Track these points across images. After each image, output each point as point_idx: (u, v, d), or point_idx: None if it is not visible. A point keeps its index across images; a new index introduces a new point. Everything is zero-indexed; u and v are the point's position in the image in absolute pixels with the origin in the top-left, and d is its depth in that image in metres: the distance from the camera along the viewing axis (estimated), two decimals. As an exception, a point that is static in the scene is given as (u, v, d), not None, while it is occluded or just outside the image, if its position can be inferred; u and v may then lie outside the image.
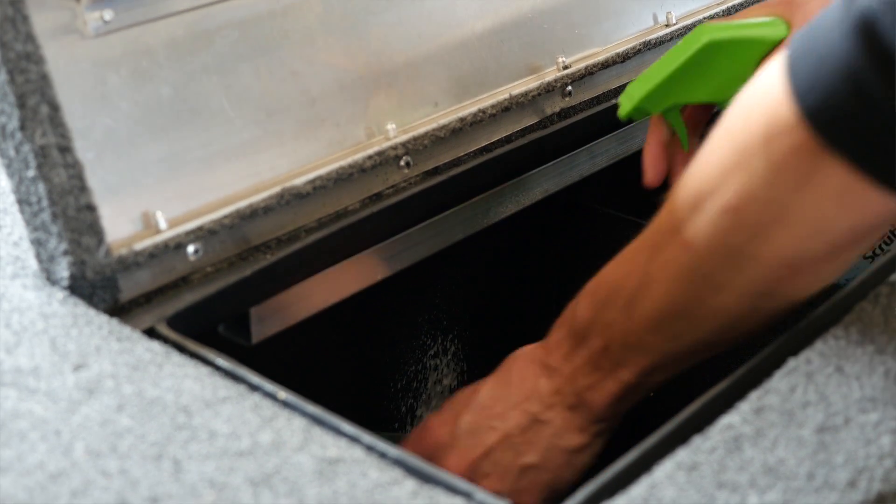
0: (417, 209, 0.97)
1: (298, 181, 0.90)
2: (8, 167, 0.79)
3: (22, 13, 0.77)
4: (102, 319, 0.79)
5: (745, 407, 0.71)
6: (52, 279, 0.81)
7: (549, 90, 1.08)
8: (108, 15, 0.81)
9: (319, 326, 0.95)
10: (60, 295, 0.80)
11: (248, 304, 0.87)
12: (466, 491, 0.67)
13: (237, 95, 0.88)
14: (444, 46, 1.02)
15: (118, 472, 0.66)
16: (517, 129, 1.07)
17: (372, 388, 1.12)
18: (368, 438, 0.70)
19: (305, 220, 0.92)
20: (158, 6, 0.84)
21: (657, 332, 0.79)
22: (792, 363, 0.74)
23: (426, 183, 0.98)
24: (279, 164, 0.90)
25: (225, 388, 0.73)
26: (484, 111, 1.02)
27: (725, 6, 1.25)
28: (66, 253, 0.79)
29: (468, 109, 1.02)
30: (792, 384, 0.73)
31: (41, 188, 0.78)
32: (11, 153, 0.78)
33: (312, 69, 0.93)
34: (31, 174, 0.78)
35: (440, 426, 0.89)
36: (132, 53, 0.83)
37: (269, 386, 0.74)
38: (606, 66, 1.13)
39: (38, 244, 0.80)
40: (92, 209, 0.80)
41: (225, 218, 0.86)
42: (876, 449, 0.68)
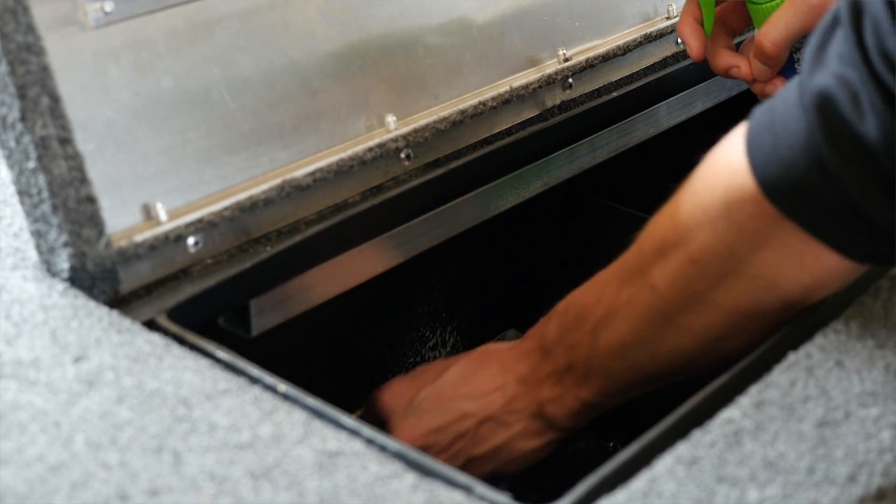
0: (418, 201, 0.97)
1: (299, 173, 0.90)
2: (8, 158, 0.79)
3: (23, 4, 0.77)
4: (102, 311, 0.79)
5: (745, 401, 0.71)
6: (52, 271, 0.81)
7: (549, 82, 1.08)
8: (108, 6, 0.81)
9: (319, 319, 0.95)
10: (60, 286, 0.80)
11: (248, 296, 0.87)
12: (466, 485, 0.67)
13: (238, 87, 0.88)
14: (444, 38, 1.02)
15: (118, 464, 0.66)
16: (518, 121, 1.07)
17: (372, 380, 1.12)
18: (368, 431, 0.70)
19: (305, 212, 0.92)
20: (159, -3, 0.84)
21: (618, 359, 0.83)
22: (792, 357, 0.74)
23: (426, 175, 0.98)
24: (279, 155, 0.90)
25: (225, 380, 0.73)
26: (484, 103, 1.02)
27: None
28: (66, 244, 0.79)
29: (469, 102, 1.02)
30: (792, 378, 0.73)
31: (41, 179, 0.78)
32: (12, 144, 0.78)
33: (313, 61, 0.93)
34: (31, 165, 0.78)
35: (400, 393, 0.93)
36: (133, 45, 0.83)
37: (269, 378, 0.74)
38: (607, 58, 1.13)
39: (38, 236, 0.80)
40: (92, 201, 0.79)
41: (225, 210, 0.86)
42: (876, 443, 0.68)
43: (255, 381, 0.74)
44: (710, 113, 1.23)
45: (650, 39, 1.17)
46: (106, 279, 0.81)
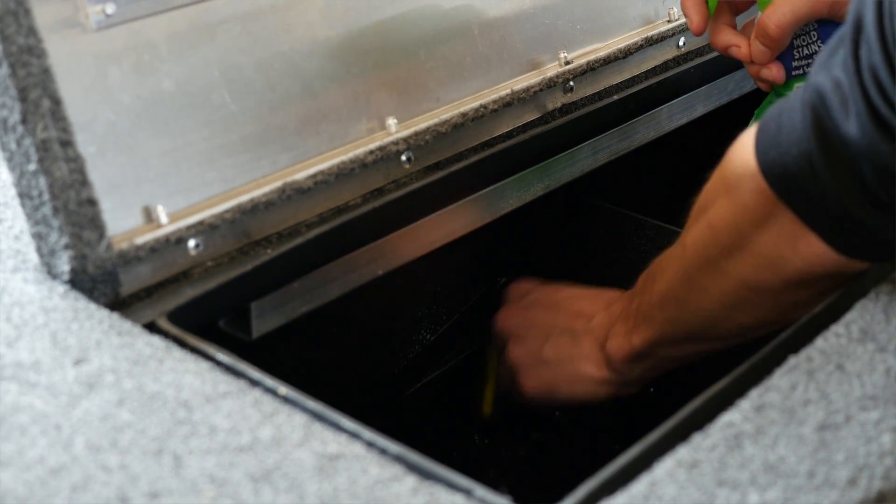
0: (418, 204, 0.97)
1: (300, 176, 0.90)
2: (9, 161, 0.79)
3: (24, 6, 0.77)
4: (103, 314, 0.79)
5: (745, 404, 0.71)
6: (52, 273, 0.81)
7: (550, 85, 1.08)
8: (110, 8, 0.81)
9: (320, 321, 0.95)
10: (61, 289, 0.80)
11: (248, 298, 0.87)
12: (466, 488, 0.66)
13: (239, 89, 0.88)
14: (445, 42, 1.02)
15: (118, 466, 0.66)
16: (518, 124, 1.07)
17: (372, 383, 1.12)
18: (369, 434, 0.70)
19: (306, 214, 0.92)
20: (160, 0, 0.84)
21: (660, 310, 0.90)
22: (793, 361, 0.74)
23: (427, 178, 0.98)
24: (280, 158, 0.90)
25: (225, 383, 0.73)
26: (485, 106, 1.02)
27: None
28: (67, 247, 0.79)
29: (469, 105, 1.02)
30: (793, 382, 0.73)
31: (42, 182, 0.78)
32: (13, 147, 0.78)
33: (314, 64, 0.93)
34: (32, 168, 0.78)
35: (521, 287, 1.08)
36: (134, 47, 0.83)
37: (269, 381, 0.74)
38: (608, 61, 1.13)
39: (39, 238, 0.80)
40: (93, 203, 0.80)
41: (226, 212, 0.86)
42: (876, 447, 0.68)
43: (255, 383, 0.74)
44: (711, 116, 1.23)
45: (651, 43, 1.17)
46: (106, 281, 0.81)
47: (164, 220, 0.83)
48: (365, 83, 0.96)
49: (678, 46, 1.20)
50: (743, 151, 0.79)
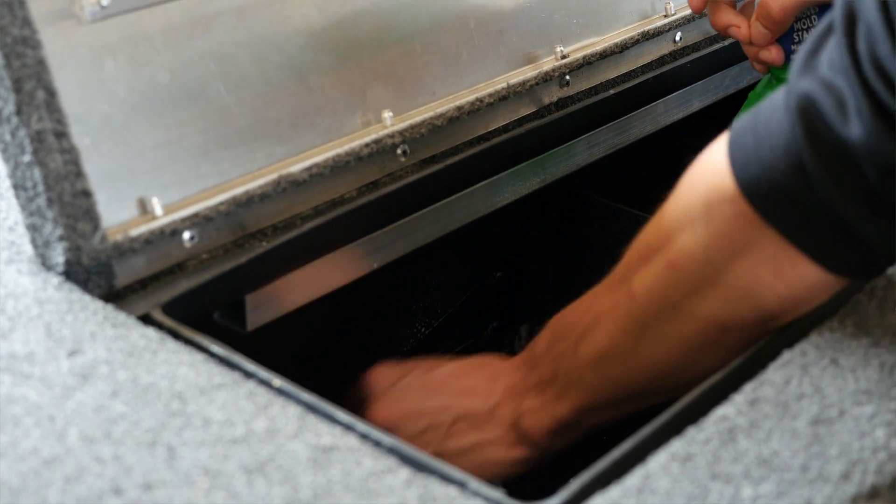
0: (414, 198, 0.97)
1: (295, 168, 0.90)
2: (4, 152, 0.79)
3: (19, -3, 0.77)
4: (97, 305, 0.79)
5: (739, 398, 0.71)
6: (47, 265, 0.81)
7: (546, 80, 1.08)
8: (105, 0, 0.81)
9: (315, 314, 0.95)
10: (55, 280, 0.80)
11: (243, 291, 0.87)
12: (461, 480, 0.67)
13: (234, 82, 0.88)
14: (441, 35, 1.02)
15: (112, 458, 0.66)
16: (514, 118, 1.07)
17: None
18: (363, 427, 0.70)
19: (302, 207, 0.92)
20: (156, -8, 0.84)
21: (596, 371, 0.81)
22: (787, 355, 0.74)
23: (423, 171, 0.98)
24: (276, 151, 0.90)
25: (220, 375, 0.73)
26: (481, 100, 1.02)
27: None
28: (61, 238, 0.79)
29: (465, 98, 1.02)
30: (787, 376, 0.73)
31: (37, 173, 0.78)
32: (7, 138, 0.78)
33: (310, 56, 0.93)
34: (26, 159, 0.78)
35: (386, 374, 0.93)
36: (129, 39, 0.83)
37: (263, 373, 0.74)
38: (604, 56, 1.13)
39: (33, 229, 0.80)
40: (88, 195, 0.79)
41: (221, 205, 0.86)
42: (870, 441, 0.68)
43: (249, 375, 0.74)
44: (707, 111, 1.23)
45: (648, 37, 1.17)
46: (101, 273, 0.81)
47: (158, 211, 0.83)
48: (361, 76, 0.96)
49: (675, 41, 1.20)
50: (711, 174, 0.72)
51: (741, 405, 0.70)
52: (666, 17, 1.19)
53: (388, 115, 0.97)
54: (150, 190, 0.83)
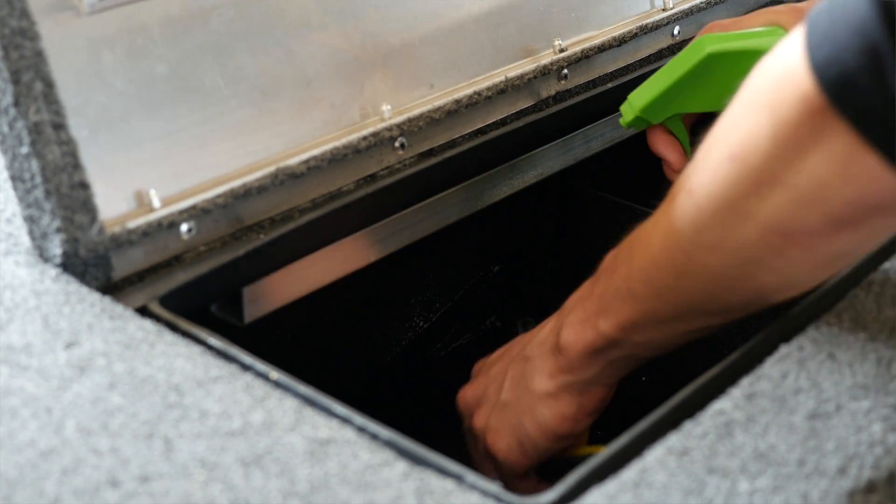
0: (412, 191, 0.97)
1: (293, 161, 0.90)
2: (1, 143, 0.79)
3: (17, -11, 0.77)
4: (95, 297, 0.79)
5: (736, 393, 0.71)
6: (44, 256, 0.81)
7: (544, 73, 1.08)
8: (103, -8, 0.81)
9: (312, 307, 0.95)
10: (53, 272, 0.80)
11: (240, 283, 0.87)
12: (457, 473, 0.67)
13: (232, 74, 0.88)
14: (440, 28, 1.02)
15: (109, 450, 0.66)
16: (512, 111, 1.07)
17: (364, 369, 1.12)
18: (360, 419, 0.70)
19: (299, 200, 0.92)
20: (154, -17, 0.84)
21: (646, 282, 0.76)
22: (784, 350, 0.75)
23: (421, 164, 0.98)
24: (273, 143, 0.90)
25: (217, 367, 0.73)
26: (479, 93, 1.02)
27: (722, -9, 1.25)
28: (59, 230, 0.78)
29: (463, 91, 1.02)
30: (784, 371, 0.73)
31: (34, 165, 0.77)
32: (5, 129, 0.78)
33: (308, 49, 0.93)
34: (24, 151, 0.78)
35: (480, 363, 0.93)
36: (127, 31, 0.83)
37: (260, 366, 0.74)
38: (603, 49, 1.13)
39: (30, 221, 0.80)
40: (85, 187, 0.79)
41: (219, 197, 0.86)
42: (867, 436, 0.68)
43: (246, 368, 0.74)
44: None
45: (646, 31, 1.17)
46: (98, 265, 0.81)
47: (156, 204, 0.83)
48: (359, 69, 0.96)
49: (673, 35, 1.20)
50: (784, 57, 0.65)
51: (738, 399, 0.70)
52: (664, 10, 1.19)
53: (386, 108, 0.97)
54: (147, 182, 0.83)
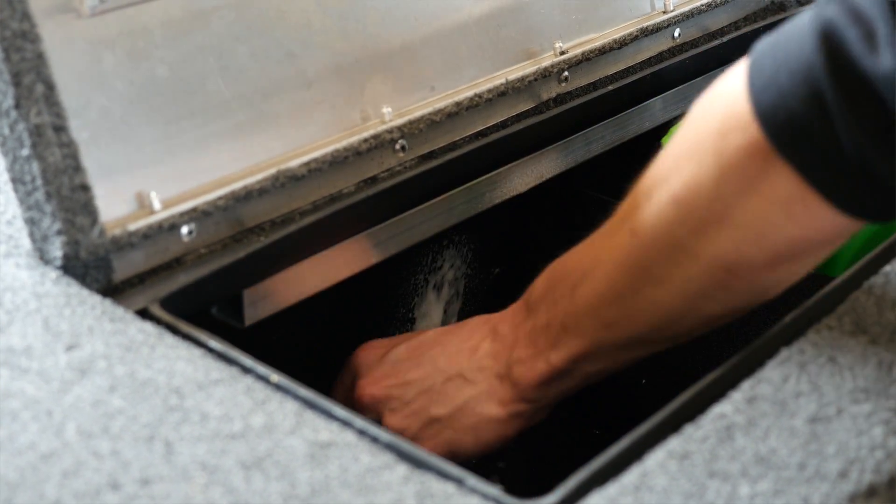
0: (412, 193, 0.97)
1: (293, 163, 0.90)
2: (2, 145, 0.79)
3: (18, -9, 0.77)
4: (95, 300, 0.79)
5: (737, 396, 0.71)
6: (45, 259, 0.81)
7: (545, 75, 1.08)
8: (104, -6, 0.81)
9: (313, 309, 0.95)
10: (53, 275, 0.80)
11: (241, 286, 0.87)
12: (458, 477, 0.67)
13: (233, 76, 0.88)
14: (440, 30, 1.02)
15: (110, 452, 0.66)
16: (513, 114, 1.07)
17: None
18: (360, 423, 0.70)
19: (300, 202, 0.92)
20: (155, -14, 0.84)
21: (593, 316, 0.77)
22: (785, 353, 0.74)
23: (421, 167, 0.98)
24: (274, 145, 0.90)
25: (217, 370, 0.73)
26: (480, 96, 1.02)
27: (723, -7, 1.25)
28: (59, 232, 0.78)
29: (464, 94, 1.02)
30: (785, 374, 0.73)
31: (35, 167, 0.77)
32: (6, 131, 0.78)
33: (309, 51, 0.93)
34: (25, 153, 0.78)
35: (375, 348, 0.91)
36: (128, 33, 0.83)
37: (261, 369, 0.74)
38: (603, 52, 1.13)
39: (31, 223, 0.80)
40: (86, 189, 0.79)
41: (219, 199, 0.86)
42: (868, 440, 0.68)
43: (247, 371, 0.74)
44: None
45: (646, 33, 1.17)
46: (99, 267, 0.81)
47: (157, 206, 0.83)
48: (359, 71, 0.96)
49: (673, 37, 1.20)
50: (726, 98, 0.67)
51: (739, 403, 0.70)
52: (665, 13, 1.19)
53: (386, 110, 0.97)
54: (148, 184, 0.83)
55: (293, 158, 0.90)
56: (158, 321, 0.79)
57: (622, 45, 1.14)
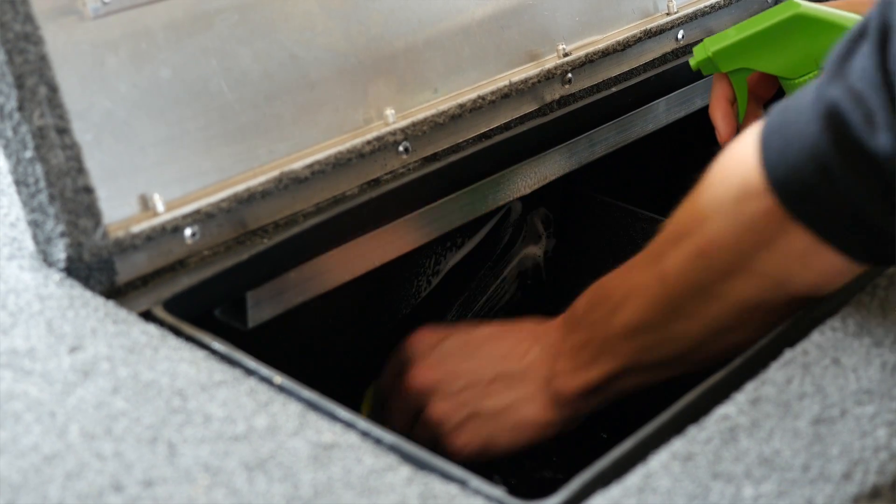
0: (415, 195, 0.97)
1: (297, 165, 0.90)
2: (6, 148, 0.79)
3: (21, -7, 0.77)
4: (99, 302, 0.79)
5: (741, 397, 0.71)
6: (48, 261, 0.81)
7: (548, 77, 1.08)
8: (107, -4, 0.81)
9: (316, 311, 0.95)
10: (57, 277, 0.80)
11: (244, 288, 0.87)
12: (461, 478, 0.67)
13: (236, 78, 0.88)
14: (444, 32, 1.02)
15: (113, 454, 0.66)
16: (516, 115, 1.07)
17: (368, 373, 1.11)
18: (364, 424, 0.70)
19: (303, 204, 0.92)
20: (158, -12, 0.84)
21: (629, 340, 0.84)
22: (789, 354, 0.74)
23: (424, 169, 0.98)
24: (278, 148, 0.90)
25: (220, 372, 0.73)
26: (483, 98, 1.02)
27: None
28: (63, 235, 0.79)
29: (467, 96, 1.02)
30: (788, 375, 0.73)
31: (39, 169, 0.78)
32: (9, 134, 0.78)
33: (312, 53, 0.93)
34: (28, 155, 0.78)
35: (426, 338, 0.95)
36: (131, 35, 0.83)
37: (264, 370, 0.74)
38: (607, 53, 1.13)
39: (35, 225, 0.80)
40: (89, 191, 0.79)
41: (223, 201, 0.86)
42: (871, 441, 0.68)
43: (250, 372, 0.74)
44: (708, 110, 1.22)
45: (650, 35, 1.17)
46: (102, 269, 0.81)
47: (160, 208, 0.83)
48: (363, 73, 0.96)
49: (677, 39, 1.20)
50: (742, 169, 0.75)
51: (743, 404, 0.70)
52: (668, 15, 1.19)
53: (390, 112, 0.97)
54: (151, 186, 0.83)
55: (296, 160, 0.90)
56: (162, 323, 0.79)
57: (626, 46, 1.14)
